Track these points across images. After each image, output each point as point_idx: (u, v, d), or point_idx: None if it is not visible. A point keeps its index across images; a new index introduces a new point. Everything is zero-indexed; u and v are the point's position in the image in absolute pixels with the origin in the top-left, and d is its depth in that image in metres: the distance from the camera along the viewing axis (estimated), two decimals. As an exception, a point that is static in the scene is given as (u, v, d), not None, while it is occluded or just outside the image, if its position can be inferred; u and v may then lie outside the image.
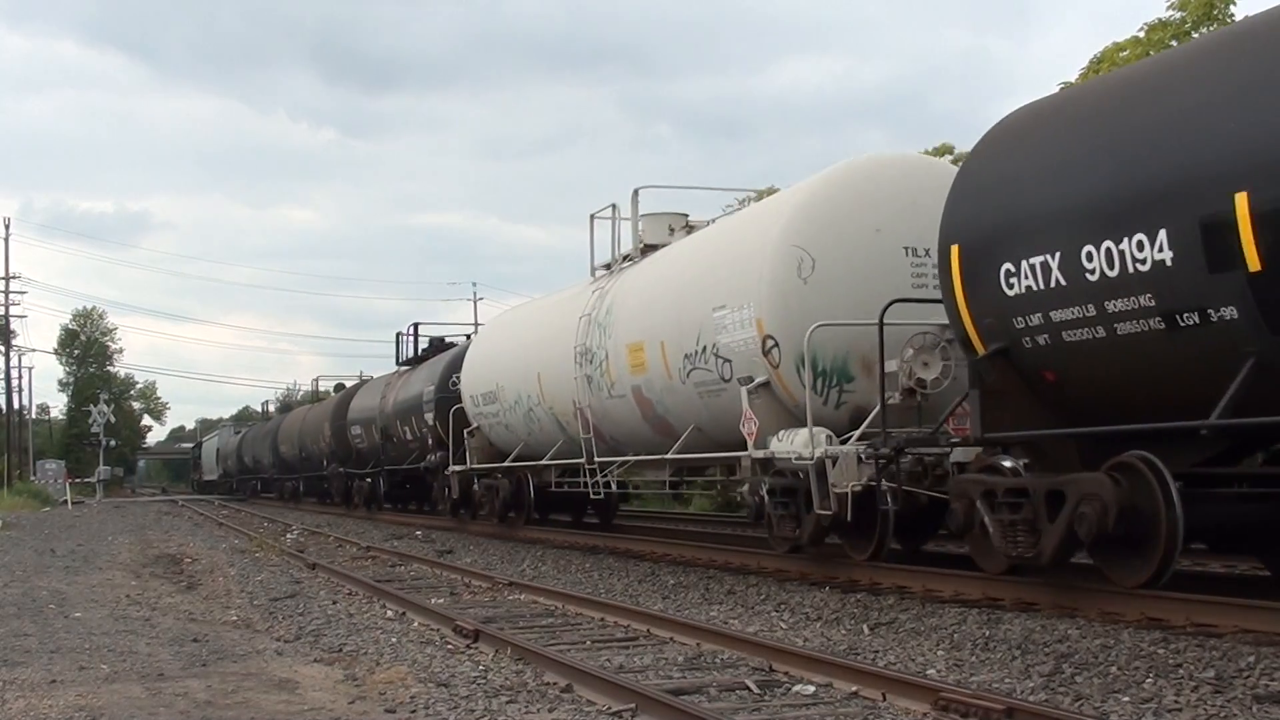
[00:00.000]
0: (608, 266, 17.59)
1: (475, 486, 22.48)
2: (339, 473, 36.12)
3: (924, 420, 11.19)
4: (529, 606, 11.59)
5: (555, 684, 7.34)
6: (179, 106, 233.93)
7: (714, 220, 16.55)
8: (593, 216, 17.97)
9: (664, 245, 16.20)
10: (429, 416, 25.59)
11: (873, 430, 11.20)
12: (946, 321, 10.50)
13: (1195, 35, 20.50)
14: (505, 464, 20.82)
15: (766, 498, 12.51)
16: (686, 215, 16.79)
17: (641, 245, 16.62)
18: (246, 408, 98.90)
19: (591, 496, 17.78)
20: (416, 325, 31.23)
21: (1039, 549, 9.27)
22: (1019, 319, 9.19)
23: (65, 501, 50.15)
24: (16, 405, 68.79)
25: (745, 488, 13.69)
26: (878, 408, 11.04)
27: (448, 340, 29.93)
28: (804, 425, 11.43)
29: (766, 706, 6.64)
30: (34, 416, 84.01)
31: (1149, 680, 6.79)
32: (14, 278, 62.75)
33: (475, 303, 67.44)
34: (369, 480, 32.60)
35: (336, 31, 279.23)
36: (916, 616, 9.53)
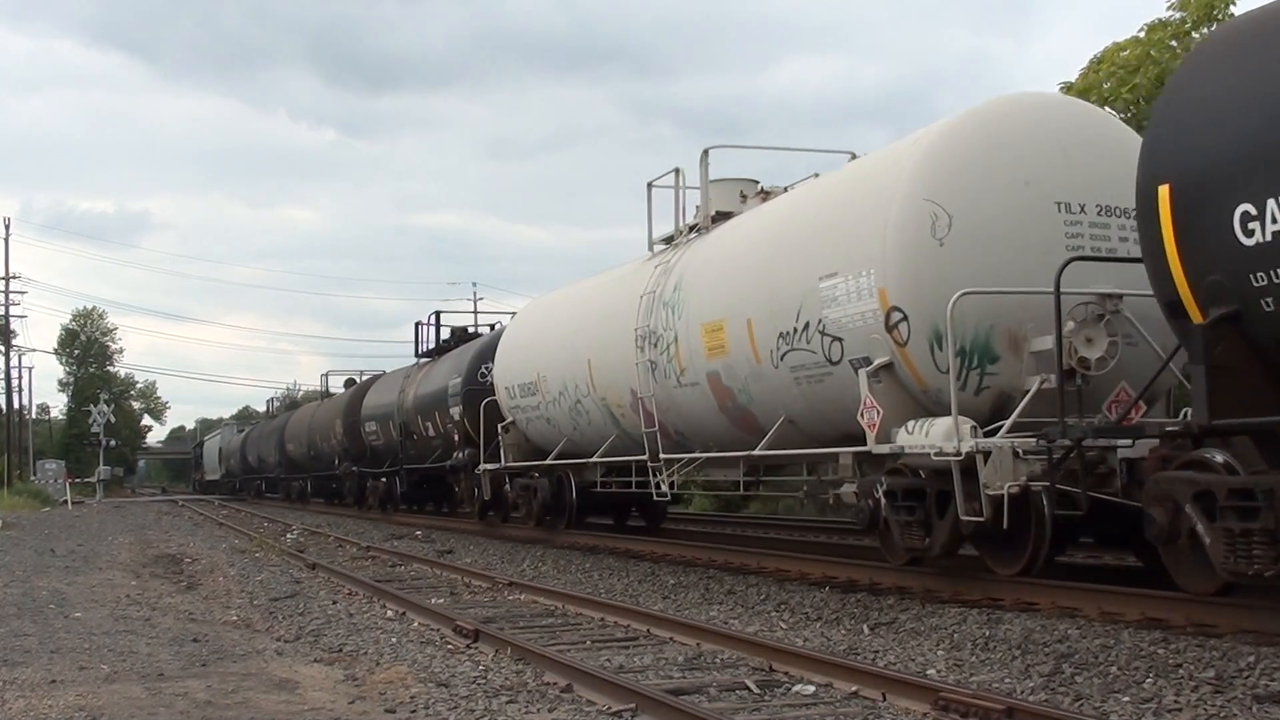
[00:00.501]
0: (669, 240, 15.80)
1: (506, 487, 20.84)
2: (352, 472, 34.17)
3: (1084, 407, 9.54)
4: (529, 606, 11.59)
5: (555, 684, 7.34)
6: (180, 106, 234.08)
7: (789, 187, 14.28)
8: (651, 185, 16.22)
9: (736, 214, 14.39)
10: (455, 411, 23.68)
11: (1028, 420, 9.54)
12: (1108, 291, 9.45)
13: (1196, 35, 20.49)
14: (547, 462, 18.89)
15: (884, 501, 10.63)
16: (757, 181, 14.90)
17: (713, 213, 14.68)
18: (246, 407, 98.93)
19: (655, 497, 15.57)
20: (438, 314, 28.96)
21: None
22: (1259, 275, 7.35)
23: (65, 501, 50.12)
24: (16, 405, 68.87)
25: (845, 489, 11.44)
26: (1029, 393, 9.61)
27: (471, 330, 28.21)
28: (934, 414, 9.93)
29: (766, 706, 6.64)
30: (34, 416, 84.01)
31: (1149, 680, 6.79)
32: (14, 278, 62.73)
33: (475, 303, 67.56)
34: (384, 480, 30.90)
35: (337, 31, 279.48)
36: (916, 616, 9.53)
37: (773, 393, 12.31)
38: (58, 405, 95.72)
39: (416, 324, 29.13)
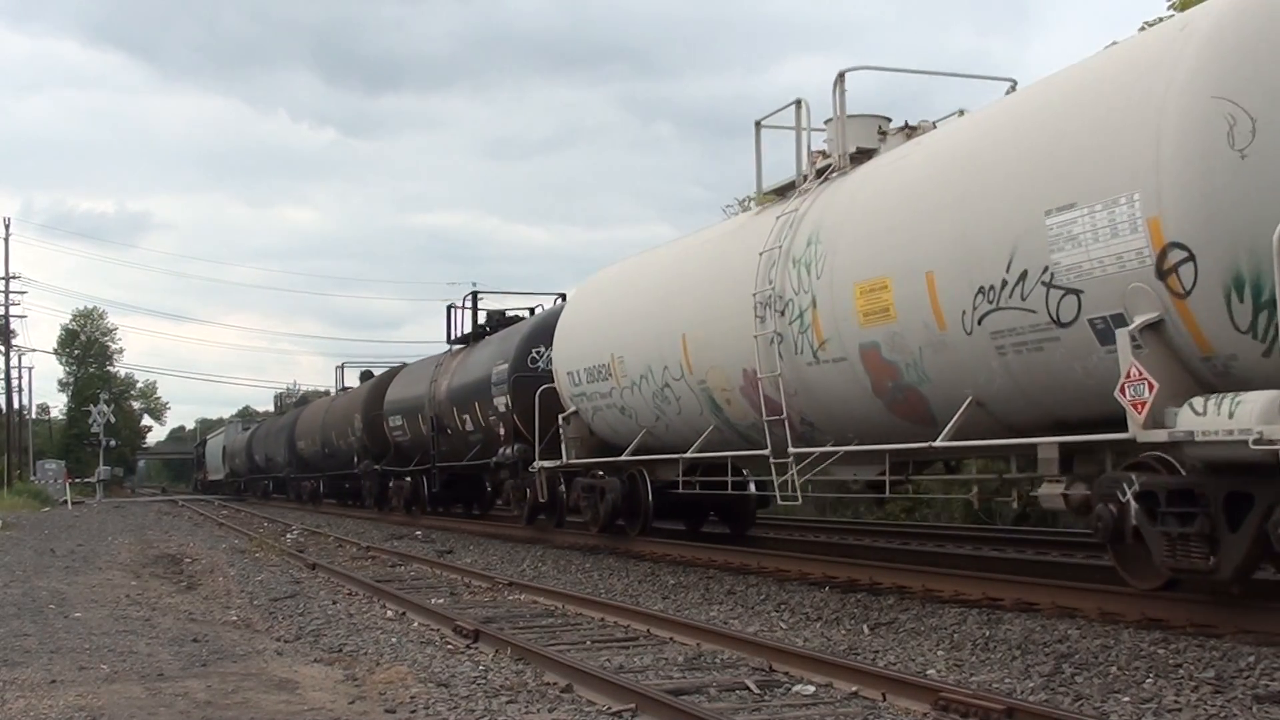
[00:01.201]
0: (782, 191, 13.22)
1: (561, 487, 18.83)
2: (373, 471, 31.19)
3: None
4: (529, 606, 11.59)
5: (555, 684, 7.34)
6: (180, 106, 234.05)
7: (937, 123, 11.96)
8: (760, 124, 13.65)
9: (879, 154, 11.95)
10: (500, 402, 20.78)
11: None
12: None
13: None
14: (624, 457, 16.19)
15: (1135, 506, 8.25)
16: (889, 118, 12.56)
17: (852, 151, 12.15)
18: (247, 408, 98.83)
19: (780, 500, 12.66)
20: (475, 294, 25.51)
21: None
22: None
23: (65, 501, 50.13)
24: (16, 405, 68.88)
25: (1048, 489, 9.14)
26: None
27: (509, 314, 24.76)
28: (1216, 389, 7.79)
29: (766, 706, 6.64)
30: (34, 416, 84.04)
31: (1149, 680, 6.80)
32: (14, 278, 62.80)
33: (475, 303, 67.65)
34: (410, 479, 28.22)
35: (338, 32, 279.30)
36: (916, 616, 9.53)
37: (958, 368, 9.82)
38: (58, 405, 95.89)
39: (449, 307, 25.98)
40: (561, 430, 17.83)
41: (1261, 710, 6.06)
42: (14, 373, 66.61)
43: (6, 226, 61.02)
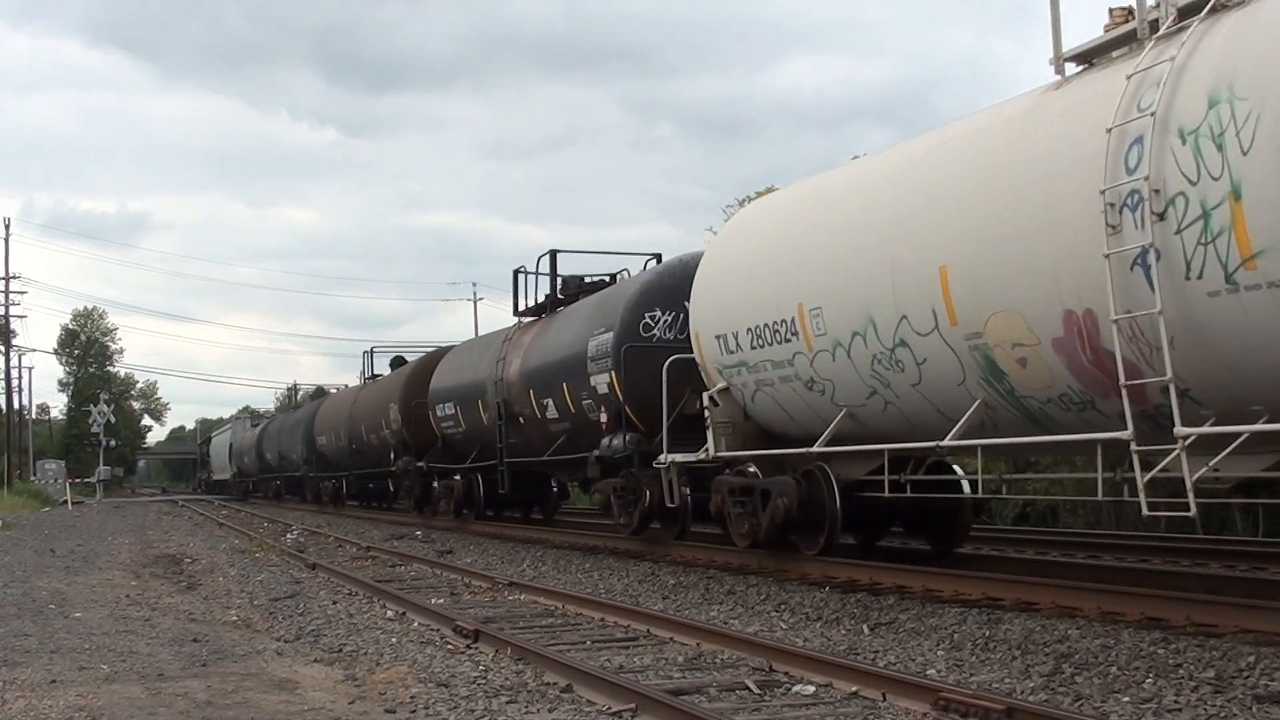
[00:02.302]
0: (1092, 57, 9.33)
1: (684, 489, 14.86)
2: (415, 469, 26.93)
3: None
4: (529, 606, 11.59)
5: (555, 684, 7.34)
6: (181, 106, 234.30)
7: None
8: None
9: None
10: (601, 381, 16.63)
11: None
12: None
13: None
14: (816, 448, 11.96)
15: None
16: None
17: None
18: (247, 408, 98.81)
19: (1146, 510, 8.27)
20: (554, 253, 21.15)
21: None
22: None
23: (65, 501, 50.16)
24: (16, 405, 68.91)
25: None
26: None
27: (590, 280, 20.41)
28: None
29: (766, 706, 6.64)
30: (34, 416, 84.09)
31: (1149, 680, 6.80)
32: (14, 278, 62.82)
33: (475, 303, 67.66)
34: (463, 478, 24.31)
35: (339, 31, 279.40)
36: (916, 616, 9.53)
37: None
38: (58, 405, 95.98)
39: (517, 272, 21.53)
40: (707, 414, 13.72)
41: (1261, 710, 6.06)
42: (14, 373, 66.77)
43: (6, 226, 61.09)
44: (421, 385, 26.73)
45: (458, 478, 24.66)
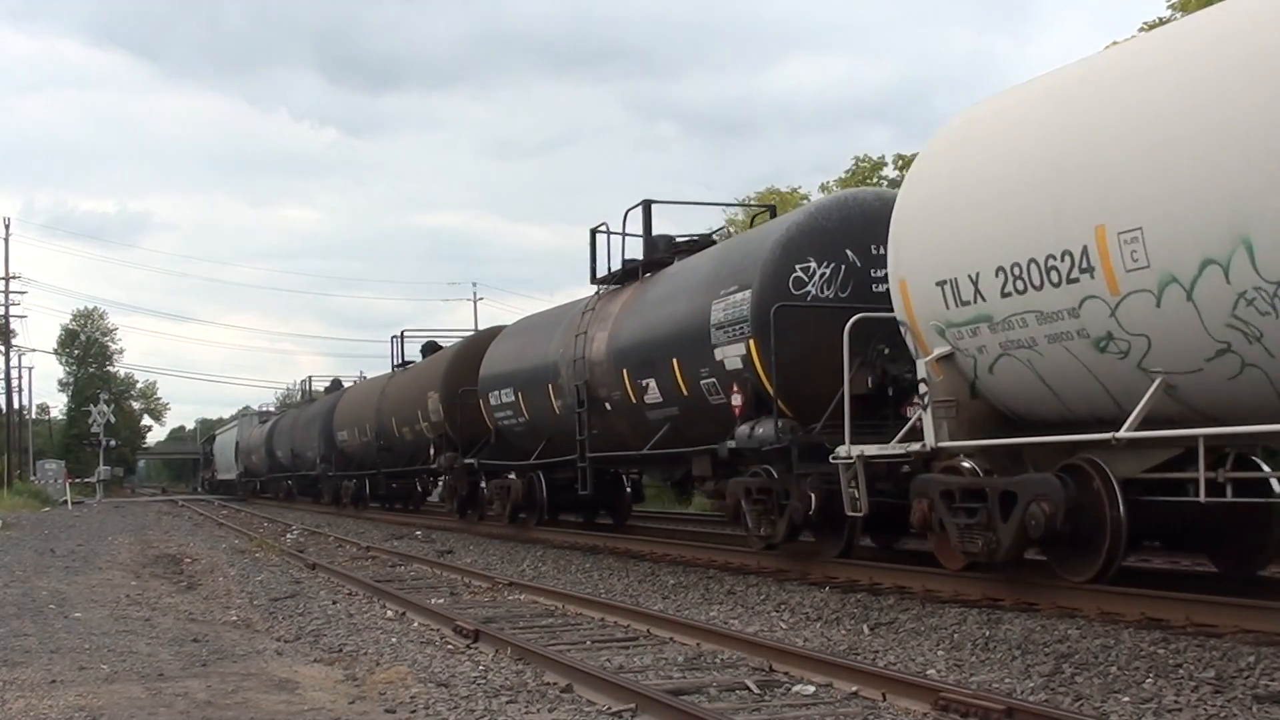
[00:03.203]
0: None
1: (854, 488, 11.11)
2: (462, 467, 23.11)
3: None
4: (529, 606, 11.59)
5: (555, 684, 7.34)
6: (182, 106, 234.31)
7: None
8: None
9: None
10: (733, 353, 12.94)
11: None
12: None
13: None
14: (1125, 433, 8.52)
15: None
16: None
17: None
18: (246, 408, 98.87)
19: None
20: (649, 203, 16.94)
21: None
22: None
23: (65, 501, 50.16)
24: (16, 405, 68.95)
25: None
26: None
27: (684, 239, 16.75)
28: None
29: (766, 706, 6.64)
30: (34, 416, 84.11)
31: (1149, 680, 6.80)
32: (14, 278, 62.88)
33: (475, 303, 67.66)
34: (524, 477, 20.60)
35: (340, 31, 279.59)
36: (916, 616, 9.53)
37: None
38: (58, 405, 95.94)
39: (594, 231, 17.74)
40: (923, 390, 10.44)
41: (1261, 710, 6.06)
42: (14, 373, 66.80)
43: (7, 226, 61.17)
44: (468, 371, 22.94)
45: (512, 476, 21.10)
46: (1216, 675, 6.77)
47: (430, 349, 29.61)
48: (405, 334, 33.18)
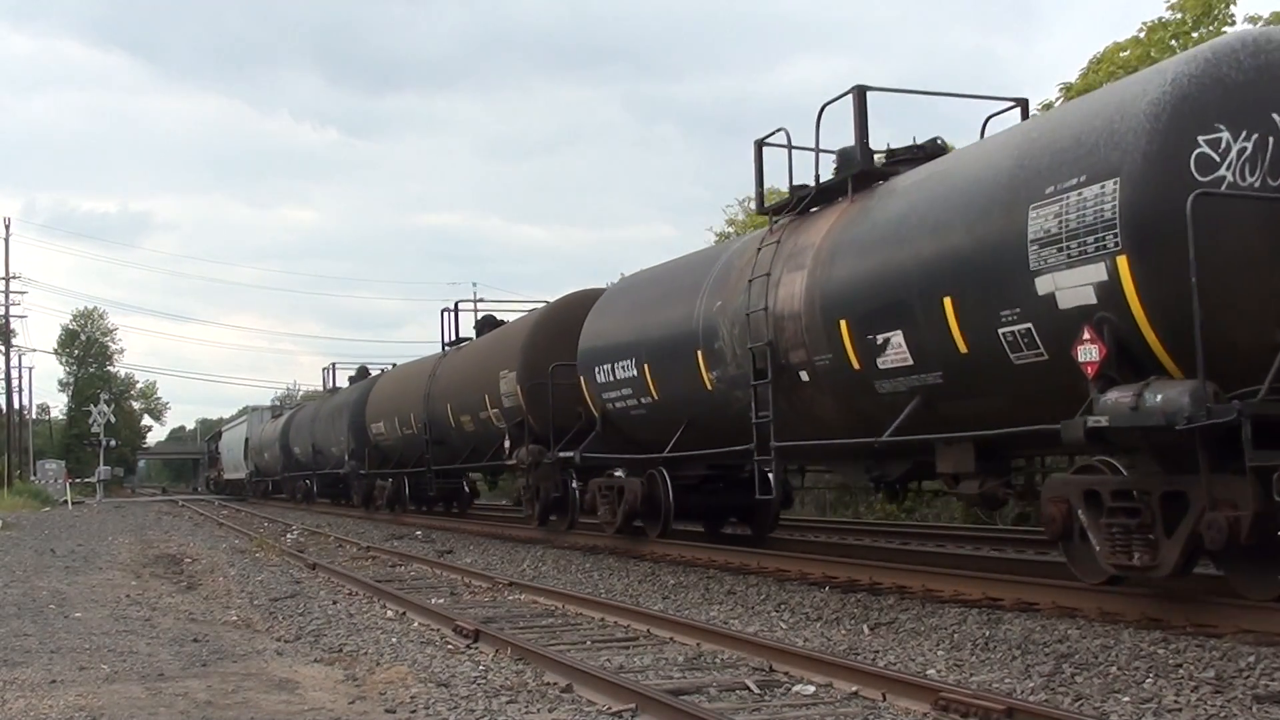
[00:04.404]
0: None
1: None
2: (553, 463, 18.45)
3: None
4: (529, 606, 11.59)
5: (555, 684, 7.34)
6: (182, 107, 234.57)
7: None
8: None
9: None
10: (1074, 282, 8.51)
11: None
12: None
13: (1195, 35, 20.52)
14: None
15: None
16: None
17: None
18: (246, 408, 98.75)
19: None
20: (863, 89, 12.21)
21: None
22: None
23: (65, 501, 50.17)
24: (16, 405, 68.95)
25: None
26: None
27: (900, 149, 12.23)
28: None
29: (766, 706, 6.64)
30: (34, 416, 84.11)
31: (1149, 680, 6.80)
32: (14, 278, 62.94)
33: (475, 303, 67.61)
34: (638, 475, 16.31)
35: (341, 32, 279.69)
36: (916, 616, 9.53)
37: None
38: (58, 405, 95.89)
39: (759, 143, 13.38)
40: None
41: (1261, 710, 6.06)
42: (14, 373, 66.81)
43: (7, 226, 61.27)
44: (558, 343, 18.81)
45: (620, 474, 17.03)
46: (1216, 675, 6.77)
47: (488, 324, 25.13)
48: (460, 306, 27.64)
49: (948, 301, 9.73)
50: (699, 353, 13.93)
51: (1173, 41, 20.97)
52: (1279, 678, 6.65)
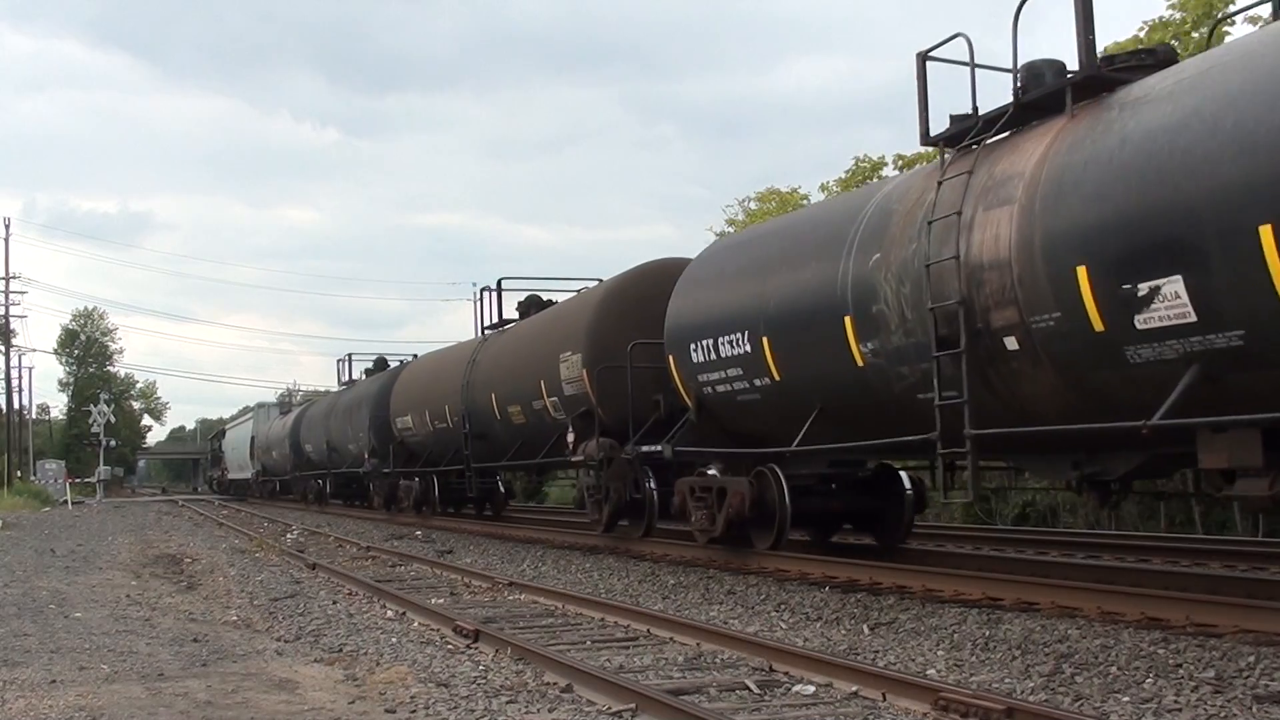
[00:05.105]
0: None
1: None
2: (632, 459, 15.96)
3: None
4: (529, 606, 11.59)
5: (555, 684, 7.34)
6: (183, 107, 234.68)
7: None
8: None
9: None
10: None
11: None
12: None
13: (1195, 35, 20.52)
14: None
15: None
16: None
17: None
18: (246, 408, 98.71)
19: None
20: None
21: None
22: None
23: (65, 501, 50.19)
24: (16, 405, 68.96)
25: None
26: None
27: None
28: None
29: (766, 706, 6.64)
30: (34, 416, 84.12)
31: (1149, 680, 6.80)
32: (14, 278, 62.95)
33: (475, 303, 67.69)
34: (724, 473, 14.09)
35: (341, 32, 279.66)
36: (916, 616, 9.53)
37: None
38: (58, 405, 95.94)
39: (922, 57, 10.93)
40: None
41: (1261, 710, 6.06)
42: (14, 373, 66.80)
43: (7, 226, 61.24)
44: (635, 320, 16.16)
45: (713, 472, 14.35)
46: (1216, 675, 6.77)
47: (533, 305, 22.22)
48: (504, 284, 23.65)
49: (1267, 232, 7.27)
50: (847, 320, 11.17)
51: (1173, 41, 20.96)
52: (1279, 678, 6.65)
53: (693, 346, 13.97)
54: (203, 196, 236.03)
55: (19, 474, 58.51)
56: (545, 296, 22.39)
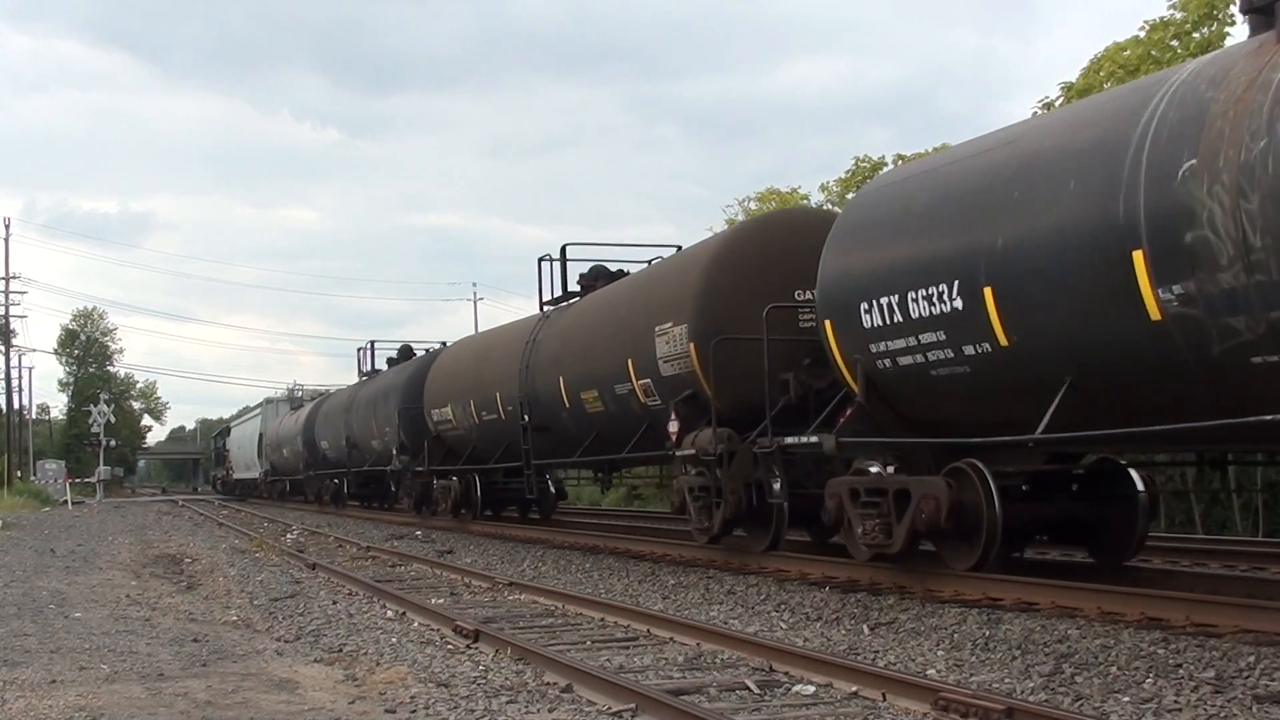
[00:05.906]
0: None
1: None
2: (774, 454, 12.67)
3: None
4: (529, 606, 11.59)
5: (555, 684, 7.34)
6: (183, 107, 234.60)
7: None
8: None
9: None
10: None
11: None
12: None
13: (1196, 35, 20.53)
14: None
15: None
16: None
17: None
18: (246, 408, 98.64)
19: None
20: None
21: None
22: None
23: (65, 501, 50.17)
24: (16, 405, 68.98)
25: None
26: None
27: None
28: None
29: (766, 706, 6.64)
30: (34, 416, 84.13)
31: (1149, 680, 6.79)
32: (14, 278, 62.95)
33: (475, 303, 67.63)
34: (889, 470, 11.53)
35: (342, 32, 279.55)
36: (916, 616, 9.53)
37: None
38: (58, 405, 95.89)
39: None
40: None
41: (1261, 710, 6.05)
42: (14, 373, 66.83)
43: (7, 226, 61.24)
44: (756, 283, 13.40)
45: (876, 468, 11.81)
46: (1216, 675, 6.77)
47: (601, 276, 19.37)
48: (568, 252, 20.34)
49: None
50: (1137, 257, 8.08)
51: (1173, 41, 20.98)
52: (1279, 678, 6.65)
53: (864, 308, 10.84)
54: (203, 196, 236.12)
55: (19, 474, 58.48)
56: (614, 268, 19.57)
